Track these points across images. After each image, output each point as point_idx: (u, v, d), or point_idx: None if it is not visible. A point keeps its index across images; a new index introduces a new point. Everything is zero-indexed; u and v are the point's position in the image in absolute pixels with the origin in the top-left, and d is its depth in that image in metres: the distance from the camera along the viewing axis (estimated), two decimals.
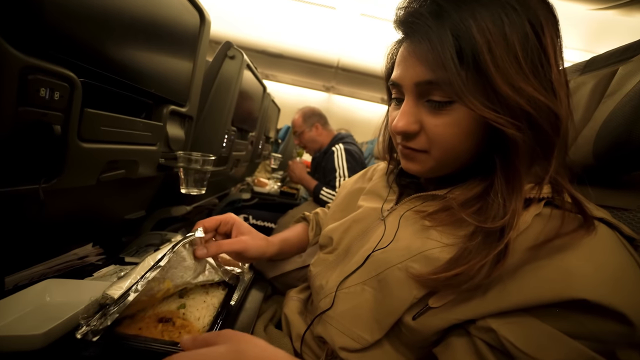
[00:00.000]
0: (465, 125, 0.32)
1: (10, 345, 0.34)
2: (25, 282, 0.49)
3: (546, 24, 0.30)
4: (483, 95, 0.29)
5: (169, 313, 0.39)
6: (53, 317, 0.37)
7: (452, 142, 0.33)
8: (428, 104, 0.34)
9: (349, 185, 0.59)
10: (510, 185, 0.30)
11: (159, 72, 0.57)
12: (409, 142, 0.36)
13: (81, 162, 0.41)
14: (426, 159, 0.36)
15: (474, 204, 0.33)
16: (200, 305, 0.41)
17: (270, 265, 0.61)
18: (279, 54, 3.24)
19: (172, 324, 0.37)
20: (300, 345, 0.42)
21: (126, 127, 0.50)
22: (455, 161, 0.36)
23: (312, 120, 1.62)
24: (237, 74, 0.94)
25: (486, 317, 0.29)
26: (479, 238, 0.30)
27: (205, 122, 0.89)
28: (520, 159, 0.30)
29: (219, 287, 0.46)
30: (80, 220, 0.60)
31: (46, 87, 0.30)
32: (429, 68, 0.32)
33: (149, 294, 0.39)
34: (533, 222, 0.29)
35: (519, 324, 0.27)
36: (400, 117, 0.35)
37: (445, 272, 0.30)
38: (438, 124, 0.33)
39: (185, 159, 0.68)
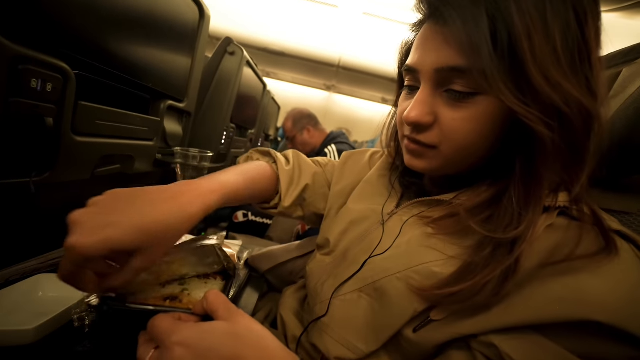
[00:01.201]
0: (486, 122, 0.29)
1: (0, 339, 0.33)
2: (18, 277, 0.48)
3: (592, 14, 0.27)
4: (515, 87, 0.27)
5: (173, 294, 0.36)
6: (45, 312, 0.36)
7: (468, 139, 0.31)
8: (447, 95, 0.30)
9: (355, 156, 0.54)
10: (529, 192, 0.27)
11: (157, 67, 0.56)
12: (418, 135, 0.33)
13: (75, 155, 0.41)
14: (434, 156, 0.33)
15: (483, 211, 0.30)
16: (202, 290, 0.39)
17: (264, 258, 0.60)
18: (280, 52, 3.23)
19: (180, 301, 0.35)
20: (295, 349, 0.41)
21: (122, 122, 0.49)
22: (466, 161, 0.33)
23: (303, 124, 1.60)
24: (237, 70, 0.93)
25: (489, 332, 0.28)
26: (487, 250, 0.28)
27: (204, 118, 0.89)
28: (545, 162, 0.27)
29: (217, 279, 0.45)
30: None
31: (38, 78, 0.29)
32: (457, 52, 0.28)
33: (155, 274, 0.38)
34: (545, 232, 0.27)
35: (522, 340, 0.26)
36: (414, 106, 0.32)
37: (449, 288, 0.28)
38: (455, 118, 0.30)
39: (183, 155, 0.67)
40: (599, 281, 0.25)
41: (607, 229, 0.26)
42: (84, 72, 0.38)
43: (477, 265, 0.28)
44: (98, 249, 0.25)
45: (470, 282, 0.27)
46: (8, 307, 0.39)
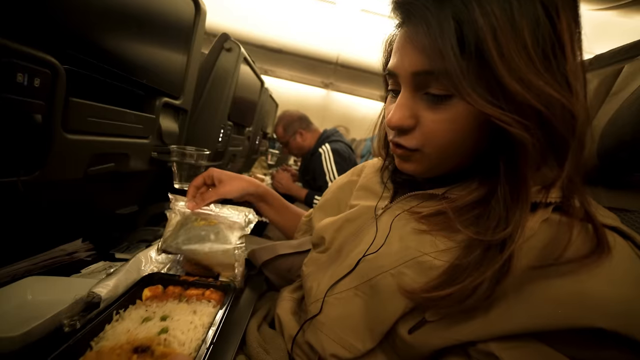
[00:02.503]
0: (464, 123, 0.30)
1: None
2: (8, 280, 0.47)
3: (563, 7, 0.26)
4: (486, 89, 0.27)
5: (146, 340, 0.33)
6: (34, 317, 0.35)
7: (448, 140, 0.31)
8: (426, 97, 0.31)
9: (339, 180, 0.58)
10: (514, 193, 0.27)
11: (151, 62, 0.55)
12: (401, 138, 0.33)
13: (66, 154, 0.40)
14: (420, 159, 0.34)
15: (473, 209, 0.31)
16: (185, 327, 0.37)
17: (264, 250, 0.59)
18: (278, 49, 3.20)
19: (151, 354, 0.32)
20: (291, 347, 0.40)
21: (116, 119, 0.48)
22: (451, 161, 0.33)
23: (294, 128, 1.58)
24: (234, 67, 0.92)
25: (488, 340, 0.27)
26: (476, 252, 0.28)
27: (201, 115, 0.87)
28: (527, 163, 0.26)
29: (209, 305, 0.43)
30: (69, 214, 0.58)
31: (24, 72, 0.28)
32: (426, 57, 0.29)
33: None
34: (540, 228, 0.27)
35: (522, 349, 0.25)
36: (395, 110, 0.32)
37: (437, 291, 0.27)
38: (435, 120, 0.31)
39: (179, 153, 0.66)
40: (598, 283, 0.24)
41: (598, 226, 0.25)
42: (75, 68, 0.37)
43: (466, 267, 0.27)
44: None
45: (459, 285, 0.26)
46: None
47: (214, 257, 0.51)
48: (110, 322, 0.37)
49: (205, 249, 0.51)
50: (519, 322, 0.26)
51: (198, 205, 0.55)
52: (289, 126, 1.58)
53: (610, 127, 0.37)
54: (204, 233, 0.53)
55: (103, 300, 0.40)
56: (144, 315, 0.39)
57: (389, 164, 0.47)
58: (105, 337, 0.34)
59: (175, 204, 0.57)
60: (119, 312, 0.38)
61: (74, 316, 0.37)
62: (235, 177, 0.60)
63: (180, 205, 0.57)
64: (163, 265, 0.54)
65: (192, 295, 0.44)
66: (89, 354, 0.32)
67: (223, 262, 0.51)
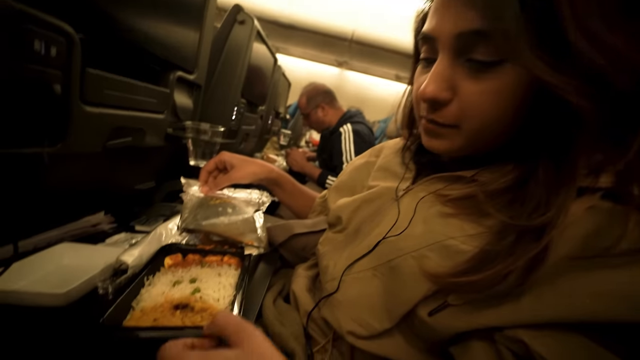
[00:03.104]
0: (512, 94, 0.26)
1: (34, 300, 0.35)
2: (44, 245, 0.50)
3: None
4: (546, 51, 0.23)
5: (184, 299, 0.36)
6: (71, 279, 0.38)
7: (491, 115, 0.27)
8: (468, 65, 0.27)
9: (356, 161, 0.56)
10: (561, 174, 0.24)
11: (164, 34, 0.53)
12: (435, 113, 0.30)
13: (85, 126, 0.40)
14: (454, 136, 0.31)
15: (506, 194, 0.28)
16: (215, 287, 0.40)
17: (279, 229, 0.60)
18: (291, 25, 3.08)
19: (191, 309, 0.34)
20: (307, 322, 0.41)
21: (131, 92, 0.47)
22: (489, 139, 0.30)
23: (317, 101, 1.54)
24: (248, 40, 0.88)
25: (517, 327, 0.25)
26: (509, 237, 0.25)
27: (214, 92, 0.86)
28: (583, 140, 0.23)
29: (231, 267, 0.45)
30: (91, 188, 0.60)
31: (41, 39, 0.28)
32: (477, 13, 0.25)
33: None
34: (585, 216, 0.24)
35: (558, 339, 0.23)
36: (430, 80, 0.29)
37: (465, 277, 0.26)
38: (476, 91, 0.27)
39: (194, 130, 0.66)
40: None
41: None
42: (90, 37, 0.36)
43: (498, 253, 0.25)
44: None
45: (490, 271, 0.25)
46: (38, 272, 0.42)
47: (235, 227, 0.52)
48: (144, 287, 0.39)
49: (225, 221, 0.52)
50: (555, 312, 0.24)
51: (211, 190, 0.56)
52: (313, 98, 1.54)
53: None
54: (221, 209, 0.54)
55: (130, 267, 0.42)
56: (173, 280, 0.41)
57: (411, 144, 0.45)
58: (143, 299, 0.37)
59: (188, 188, 0.57)
60: (149, 278, 0.41)
61: (106, 280, 0.40)
62: (247, 161, 0.60)
63: (194, 190, 0.57)
64: (182, 238, 0.56)
65: (212, 261, 0.46)
66: (135, 313, 0.34)
67: (245, 231, 0.53)
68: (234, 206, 0.55)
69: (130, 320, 0.33)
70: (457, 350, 0.29)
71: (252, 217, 0.54)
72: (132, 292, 0.37)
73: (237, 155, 0.60)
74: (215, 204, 0.55)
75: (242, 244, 0.52)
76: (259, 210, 0.58)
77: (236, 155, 0.60)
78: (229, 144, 1.06)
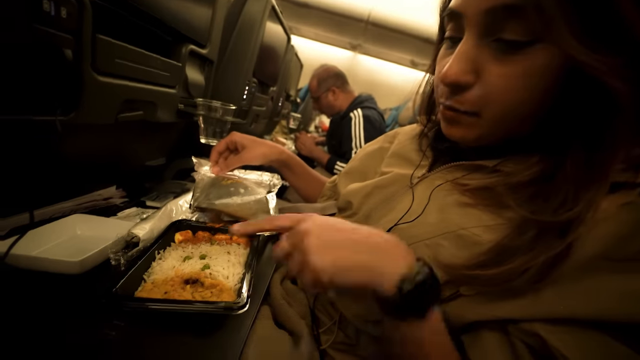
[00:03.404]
0: (541, 79, 0.24)
1: (51, 266, 0.36)
2: (59, 215, 0.51)
3: None
4: (584, 29, 0.21)
5: (194, 274, 0.36)
6: (85, 249, 0.38)
7: (515, 101, 0.26)
8: (495, 45, 0.25)
9: (368, 147, 0.54)
10: (592, 168, 0.23)
11: (177, 4, 0.51)
12: (455, 97, 0.29)
13: (98, 96, 0.39)
14: (475, 123, 0.29)
15: (529, 187, 0.26)
16: (225, 264, 0.39)
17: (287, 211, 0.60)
18: (304, 3, 2.96)
19: (201, 285, 0.35)
20: (314, 303, 0.41)
21: (143, 63, 0.46)
22: (512, 128, 0.28)
23: (328, 84, 1.50)
24: (261, 16, 0.85)
25: (534, 320, 0.24)
26: (530, 233, 0.24)
27: (227, 69, 0.84)
28: (620, 130, 0.21)
29: (240, 247, 0.45)
30: (103, 162, 0.60)
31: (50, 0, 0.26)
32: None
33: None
34: (619, 212, 0.22)
35: (576, 335, 0.23)
36: (454, 61, 0.27)
37: (482, 270, 0.25)
38: (502, 74, 0.25)
39: (205, 107, 0.65)
40: None
41: None
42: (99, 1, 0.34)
43: (517, 248, 0.24)
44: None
45: (507, 266, 0.24)
46: (53, 240, 0.43)
47: (248, 207, 0.52)
48: (155, 260, 0.40)
49: (238, 201, 0.52)
50: (574, 308, 0.23)
51: (222, 171, 0.56)
52: (324, 81, 1.50)
53: None
54: (233, 189, 0.54)
55: (142, 240, 0.42)
56: (183, 255, 0.41)
57: (429, 131, 0.43)
58: (154, 272, 0.37)
59: (199, 167, 0.57)
60: (160, 252, 0.41)
61: (118, 252, 0.40)
62: (258, 142, 0.59)
63: (205, 170, 0.57)
64: (192, 215, 0.56)
65: (222, 239, 0.47)
66: (146, 285, 0.34)
67: (257, 211, 0.52)
68: (246, 187, 0.55)
69: (141, 291, 0.33)
70: (468, 339, 0.29)
71: (265, 198, 0.54)
72: (143, 264, 0.37)
73: (248, 136, 0.59)
74: (227, 184, 0.55)
75: None
76: (271, 191, 0.57)
77: (247, 136, 0.59)
78: (240, 124, 1.04)
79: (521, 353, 0.25)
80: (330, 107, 1.53)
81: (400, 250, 0.27)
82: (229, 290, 0.34)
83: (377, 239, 0.27)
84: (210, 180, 0.55)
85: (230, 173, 0.59)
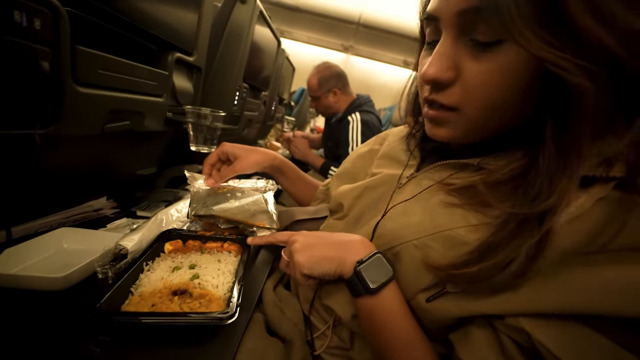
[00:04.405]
0: (516, 74, 0.25)
1: (33, 283, 0.35)
2: (45, 229, 0.50)
3: None
4: (545, 28, 0.22)
5: (182, 284, 0.36)
6: (71, 263, 0.38)
7: (494, 97, 0.26)
8: (471, 44, 0.26)
9: (360, 149, 0.55)
10: (562, 158, 0.23)
11: (160, 11, 0.50)
12: (437, 94, 0.29)
13: (80, 108, 0.38)
14: (457, 121, 0.29)
15: (511, 182, 0.27)
16: (214, 273, 0.39)
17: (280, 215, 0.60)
18: (295, 7, 2.97)
19: (190, 295, 0.34)
20: (309, 309, 0.41)
21: (128, 73, 0.45)
22: (493, 124, 0.29)
23: (329, 85, 1.44)
24: (249, 21, 0.85)
25: (518, 315, 0.25)
26: (511, 225, 0.25)
27: (215, 75, 0.83)
28: (584, 122, 0.22)
29: (231, 254, 0.45)
30: (92, 173, 0.59)
31: (20, 10, 0.26)
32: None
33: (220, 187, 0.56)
34: (595, 207, 0.23)
35: (561, 329, 0.23)
36: (432, 60, 0.28)
37: (467, 268, 0.25)
38: (479, 71, 0.26)
39: (194, 114, 0.64)
40: None
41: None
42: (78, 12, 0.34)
43: (499, 242, 0.25)
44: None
45: (491, 261, 0.24)
46: (38, 255, 0.42)
47: (246, 209, 0.52)
48: (143, 272, 0.39)
49: (236, 204, 0.52)
50: (555, 302, 0.23)
51: (217, 183, 0.55)
52: (326, 81, 1.43)
53: None
54: (230, 195, 0.54)
55: (130, 252, 0.41)
56: (172, 265, 0.41)
57: (417, 131, 0.44)
58: (142, 285, 0.37)
59: (193, 182, 0.56)
60: (148, 264, 0.41)
61: (105, 265, 0.39)
62: (250, 150, 0.58)
63: (200, 183, 0.56)
64: (183, 224, 0.55)
65: (212, 247, 0.46)
66: (133, 298, 0.34)
67: (256, 212, 0.52)
68: (243, 191, 0.55)
69: (128, 305, 0.32)
70: (456, 336, 0.29)
71: (263, 197, 0.54)
72: (130, 277, 0.36)
73: (239, 145, 0.58)
74: (224, 191, 0.55)
75: (253, 227, 0.52)
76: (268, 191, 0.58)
77: (238, 145, 0.58)
78: (231, 130, 1.04)
79: (508, 348, 0.25)
80: (329, 107, 1.50)
81: (361, 245, 0.34)
82: (218, 300, 0.34)
83: (344, 239, 0.35)
84: (206, 191, 0.55)
85: (225, 184, 0.58)
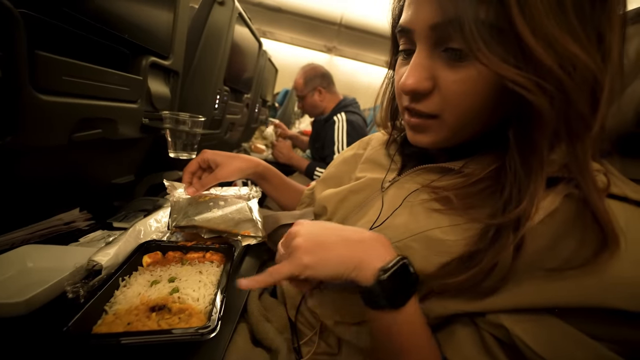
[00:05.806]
0: (483, 85, 0.26)
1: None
2: (7, 247, 0.46)
3: None
4: (503, 46, 0.23)
5: (160, 300, 0.34)
6: (36, 283, 0.35)
7: (470, 104, 0.27)
8: (445, 55, 0.27)
9: (344, 153, 0.55)
10: (525, 164, 0.25)
11: (132, 15, 0.48)
12: (418, 104, 0.30)
13: (43, 117, 0.36)
14: (438, 127, 0.30)
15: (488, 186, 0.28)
16: (195, 285, 0.37)
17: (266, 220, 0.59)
18: (277, 8, 2.95)
19: (168, 311, 0.32)
20: (295, 315, 0.40)
21: (97, 79, 0.43)
22: (470, 129, 0.30)
23: (314, 84, 1.47)
24: (228, 23, 0.83)
25: (498, 312, 0.26)
26: (490, 233, 0.26)
27: (194, 79, 0.81)
28: (541, 132, 0.23)
29: (213, 265, 0.43)
30: (64, 183, 0.56)
31: None
32: (445, 5, 0.25)
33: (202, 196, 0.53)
34: (563, 203, 0.25)
35: (536, 323, 0.25)
36: (410, 72, 0.28)
37: (453, 278, 0.27)
38: (454, 80, 0.27)
39: (172, 120, 0.62)
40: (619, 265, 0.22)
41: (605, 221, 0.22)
42: (35, 14, 0.32)
43: (480, 250, 0.26)
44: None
45: (475, 268, 0.26)
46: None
47: (230, 218, 0.50)
48: (118, 289, 0.37)
49: (219, 213, 0.50)
50: (533, 298, 0.25)
51: (198, 191, 0.53)
52: (310, 81, 1.47)
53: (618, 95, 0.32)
54: (212, 204, 0.52)
55: (104, 268, 0.39)
56: (150, 279, 0.39)
57: (397, 136, 0.44)
58: (118, 302, 0.35)
59: (173, 191, 0.53)
60: (125, 279, 0.38)
61: (76, 283, 0.37)
62: (232, 157, 0.56)
63: (180, 192, 0.54)
64: (162, 234, 0.53)
65: (194, 258, 0.44)
66: (107, 318, 0.32)
67: (240, 220, 0.50)
68: (226, 199, 0.53)
69: (101, 325, 0.31)
70: (442, 336, 0.30)
71: (247, 205, 0.52)
72: (104, 294, 0.34)
73: (220, 152, 0.57)
74: (206, 200, 0.53)
75: (237, 236, 0.50)
76: (252, 198, 0.56)
77: (219, 152, 0.56)
78: (213, 134, 1.02)
79: (490, 345, 0.27)
80: (315, 107, 1.51)
81: (381, 246, 0.29)
82: (199, 314, 0.32)
83: (358, 236, 0.30)
84: (187, 200, 0.52)
85: (206, 192, 0.56)
